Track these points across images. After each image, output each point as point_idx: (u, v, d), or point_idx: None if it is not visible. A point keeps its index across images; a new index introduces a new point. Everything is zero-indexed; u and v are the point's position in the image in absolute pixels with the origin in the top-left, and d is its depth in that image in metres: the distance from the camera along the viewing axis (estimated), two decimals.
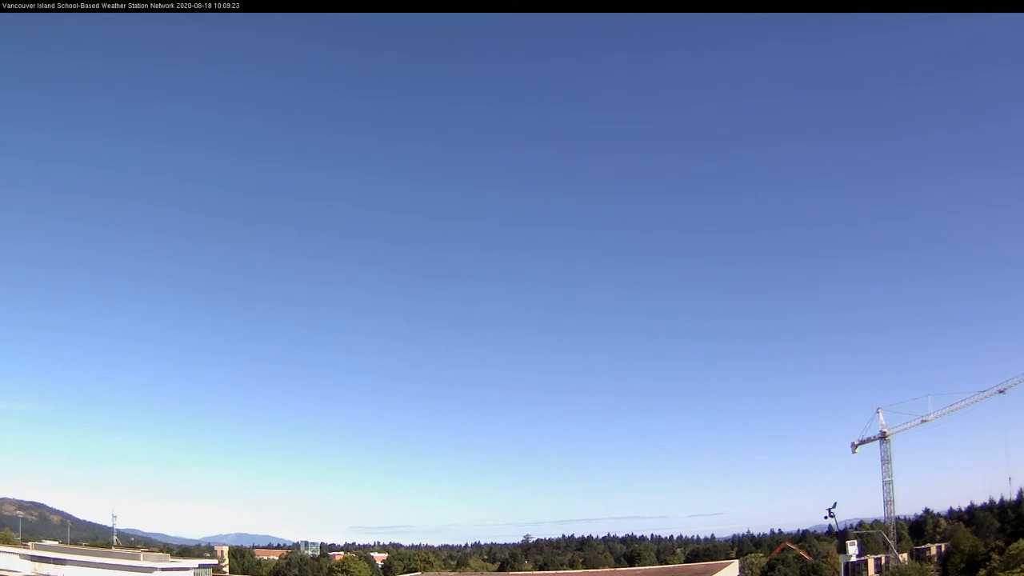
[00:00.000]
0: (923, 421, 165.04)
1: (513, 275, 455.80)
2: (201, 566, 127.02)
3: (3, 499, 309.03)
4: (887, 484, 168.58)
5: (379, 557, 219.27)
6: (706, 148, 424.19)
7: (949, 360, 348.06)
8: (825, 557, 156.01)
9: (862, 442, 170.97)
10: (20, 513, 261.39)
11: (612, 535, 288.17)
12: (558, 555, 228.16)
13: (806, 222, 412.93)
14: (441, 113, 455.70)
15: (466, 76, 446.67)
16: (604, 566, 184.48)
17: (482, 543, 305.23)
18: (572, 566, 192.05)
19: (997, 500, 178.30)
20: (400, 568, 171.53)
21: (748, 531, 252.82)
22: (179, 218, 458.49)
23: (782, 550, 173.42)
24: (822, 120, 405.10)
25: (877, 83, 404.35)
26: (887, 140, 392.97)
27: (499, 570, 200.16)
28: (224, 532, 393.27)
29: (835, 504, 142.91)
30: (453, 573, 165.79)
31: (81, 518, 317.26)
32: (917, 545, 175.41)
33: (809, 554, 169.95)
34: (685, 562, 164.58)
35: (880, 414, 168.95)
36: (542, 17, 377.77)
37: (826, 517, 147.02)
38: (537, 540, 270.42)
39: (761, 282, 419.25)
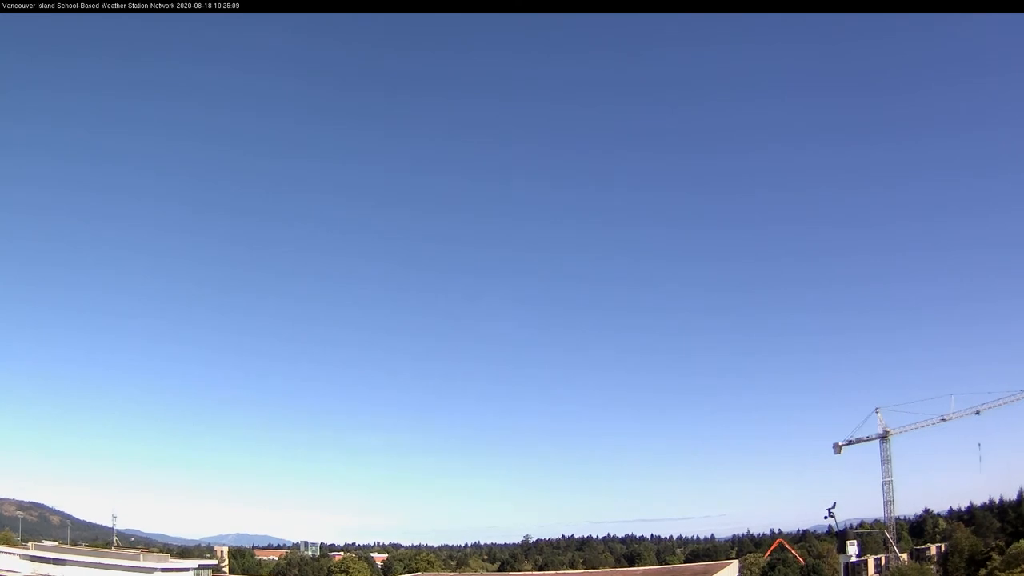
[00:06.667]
0: (924, 421, 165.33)
1: (512, 273, 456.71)
2: (201, 566, 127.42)
3: (3, 499, 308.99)
4: (887, 484, 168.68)
5: (379, 557, 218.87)
6: (707, 147, 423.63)
7: (949, 360, 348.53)
8: (825, 557, 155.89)
9: (847, 443, 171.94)
10: (20, 513, 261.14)
11: (612, 535, 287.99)
12: (558, 555, 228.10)
13: (806, 222, 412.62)
14: (444, 109, 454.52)
15: (468, 75, 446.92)
16: (604, 566, 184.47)
17: (482, 543, 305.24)
18: (572, 566, 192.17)
19: (997, 500, 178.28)
20: (400, 568, 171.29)
21: (748, 531, 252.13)
22: (177, 214, 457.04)
23: (778, 548, 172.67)
24: (823, 121, 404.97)
25: (879, 84, 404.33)
26: (888, 141, 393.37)
27: (499, 570, 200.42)
28: (224, 532, 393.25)
29: (835, 504, 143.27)
30: (453, 573, 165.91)
31: (81, 518, 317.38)
32: (917, 545, 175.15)
33: (809, 554, 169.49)
34: (685, 562, 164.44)
35: (879, 414, 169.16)
36: (543, 17, 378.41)
37: (826, 517, 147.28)
38: (537, 540, 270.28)
39: (762, 282, 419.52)
